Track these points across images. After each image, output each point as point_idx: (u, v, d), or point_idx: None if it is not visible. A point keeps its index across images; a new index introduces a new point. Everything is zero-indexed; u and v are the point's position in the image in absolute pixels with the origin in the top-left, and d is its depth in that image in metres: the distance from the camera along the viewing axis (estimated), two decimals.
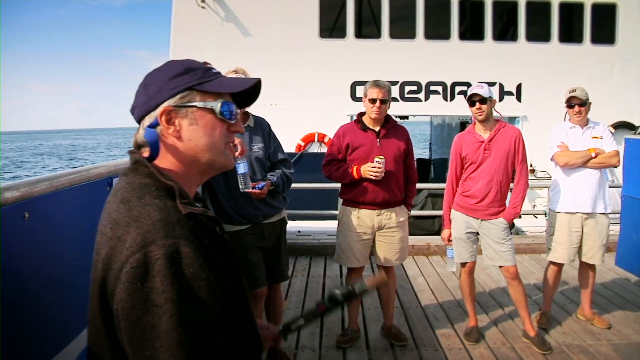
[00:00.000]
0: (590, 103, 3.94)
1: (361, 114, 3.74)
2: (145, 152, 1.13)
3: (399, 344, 3.79)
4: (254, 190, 3.11)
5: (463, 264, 3.92)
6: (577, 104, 3.89)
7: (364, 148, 3.61)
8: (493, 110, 3.72)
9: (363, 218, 3.68)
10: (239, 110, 1.21)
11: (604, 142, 3.92)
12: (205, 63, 1.19)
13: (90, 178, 2.00)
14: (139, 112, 1.15)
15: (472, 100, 3.65)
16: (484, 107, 3.63)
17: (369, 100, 3.57)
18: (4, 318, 1.36)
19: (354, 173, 3.56)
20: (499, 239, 3.73)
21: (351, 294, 1.44)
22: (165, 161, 1.14)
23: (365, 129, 3.66)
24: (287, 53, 9.78)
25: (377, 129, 3.65)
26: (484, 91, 3.60)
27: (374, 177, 3.50)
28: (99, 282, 0.99)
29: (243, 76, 3.19)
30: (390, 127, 3.69)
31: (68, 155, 61.26)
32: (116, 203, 1.05)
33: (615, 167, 3.98)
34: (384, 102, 3.56)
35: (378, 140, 3.62)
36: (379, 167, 3.47)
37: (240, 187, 3.05)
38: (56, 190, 1.71)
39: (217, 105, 1.13)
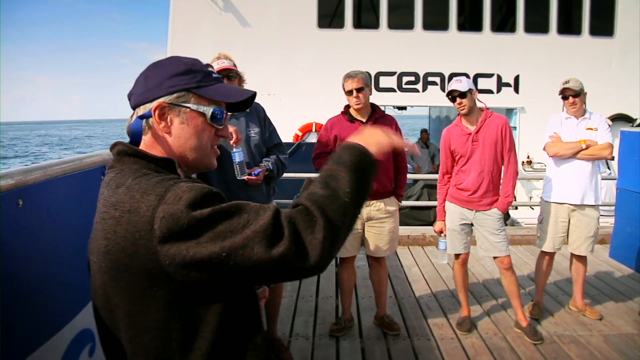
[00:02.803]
0: (585, 93, 3.92)
1: (348, 106, 3.76)
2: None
3: (391, 333, 3.82)
4: (251, 177, 3.13)
5: (457, 255, 3.95)
6: (571, 95, 3.88)
7: None
8: (476, 101, 3.72)
9: None
10: (228, 115, 1.24)
11: (598, 133, 3.88)
12: (208, 65, 1.23)
13: (83, 167, 2.01)
14: (135, 100, 1.19)
15: (452, 96, 3.66)
16: (464, 101, 3.63)
17: (347, 92, 3.60)
18: None
19: None
20: (493, 229, 3.76)
21: None
22: (154, 151, 1.17)
23: (352, 120, 3.67)
24: (286, 43, 9.77)
25: (364, 119, 3.67)
26: (462, 85, 3.60)
27: None
28: (127, 257, 0.99)
29: (226, 62, 3.19)
30: (378, 117, 3.70)
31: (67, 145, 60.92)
32: (111, 189, 1.07)
33: (608, 159, 3.97)
34: (361, 90, 3.57)
35: None
36: None
37: (237, 175, 3.05)
38: (50, 178, 1.73)
39: (209, 110, 1.17)
